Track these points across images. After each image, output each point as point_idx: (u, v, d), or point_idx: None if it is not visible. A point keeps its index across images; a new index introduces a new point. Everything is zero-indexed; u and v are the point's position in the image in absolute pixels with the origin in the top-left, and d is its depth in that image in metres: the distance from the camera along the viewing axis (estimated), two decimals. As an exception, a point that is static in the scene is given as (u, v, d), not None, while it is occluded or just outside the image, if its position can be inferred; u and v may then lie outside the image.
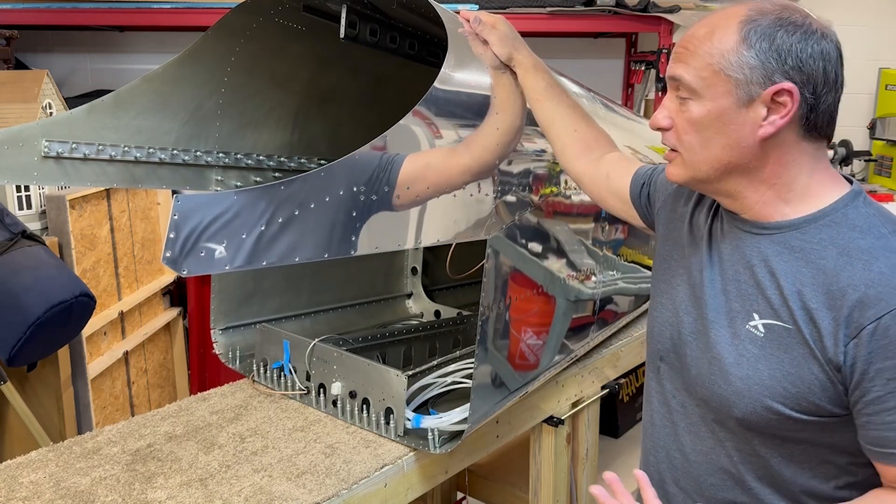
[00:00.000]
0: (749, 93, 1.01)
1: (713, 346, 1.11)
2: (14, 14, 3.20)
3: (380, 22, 1.74)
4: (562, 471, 2.04)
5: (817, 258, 1.02)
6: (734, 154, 1.05)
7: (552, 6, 3.25)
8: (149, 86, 1.58)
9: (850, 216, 1.03)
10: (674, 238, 1.26)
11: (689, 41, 1.06)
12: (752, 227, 1.10)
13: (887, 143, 4.33)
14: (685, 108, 1.06)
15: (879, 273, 0.97)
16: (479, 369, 1.50)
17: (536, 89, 1.48)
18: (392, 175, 1.30)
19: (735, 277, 1.10)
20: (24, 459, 1.46)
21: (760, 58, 1.01)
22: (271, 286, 2.01)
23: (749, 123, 1.03)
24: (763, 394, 1.04)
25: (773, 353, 1.04)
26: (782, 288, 1.04)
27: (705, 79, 1.03)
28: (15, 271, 1.99)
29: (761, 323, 1.05)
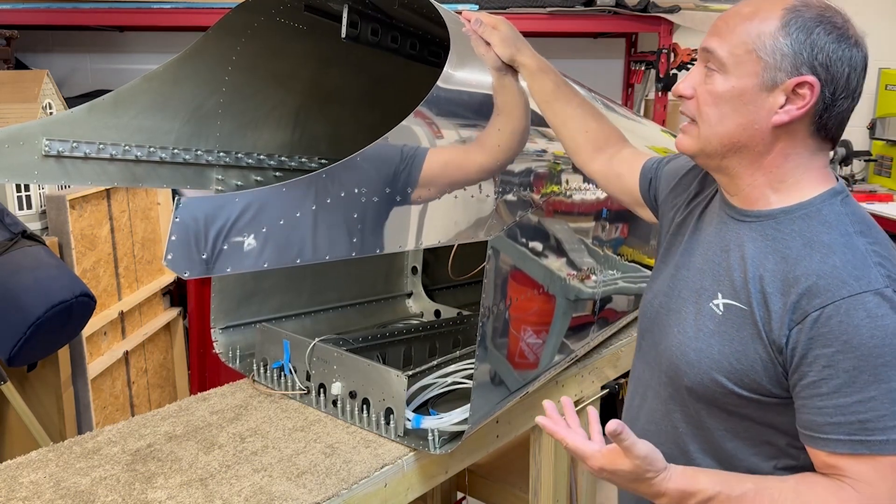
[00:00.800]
0: (774, 78, 1.05)
1: (681, 321, 1.17)
2: (14, 14, 3.20)
3: (381, 22, 1.74)
4: (562, 471, 2.03)
5: (783, 247, 1.07)
6: (745, 134, 1.08)
7: (552, 6, 3.25)
8: (149, 85, 1.57)
9: (823, 212, 1.07)
10: (668, 227, 1.32)
11: (731, 17, 1.09)
12: (737, 213, 1.14)
13: (887, 143, 4.33)
14: (710, 80, 1.09)
15: (833, 266, 1.01)
16: (479, 369, 1.50)
17: (544, 91, 1.49)
18: (414, 170, 1.33)
19: (711, 259, 1.16)
20: (24, 459, 1.46)
21: (794, 47, 1.04)
22: (272, 286, 2.01)
23: (766, 108, 1.06)
24: (711, 367, 1.10)
25: (726, 330, 1.10)
26: (747, 271, 1.09)
27: (737, 56, 1.06)
28: (15, 271, 1.99)
29: (722, 302, 1.11)
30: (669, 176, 1.36)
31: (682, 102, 1.14)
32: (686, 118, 1.15)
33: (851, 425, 1.00)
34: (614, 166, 1.47)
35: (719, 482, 1.07)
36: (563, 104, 1.49)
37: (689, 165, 1.34)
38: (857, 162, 4.41)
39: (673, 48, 3.38)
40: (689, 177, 1.32)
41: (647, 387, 1.26)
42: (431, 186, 1.36)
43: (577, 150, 1.51)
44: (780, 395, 1.07)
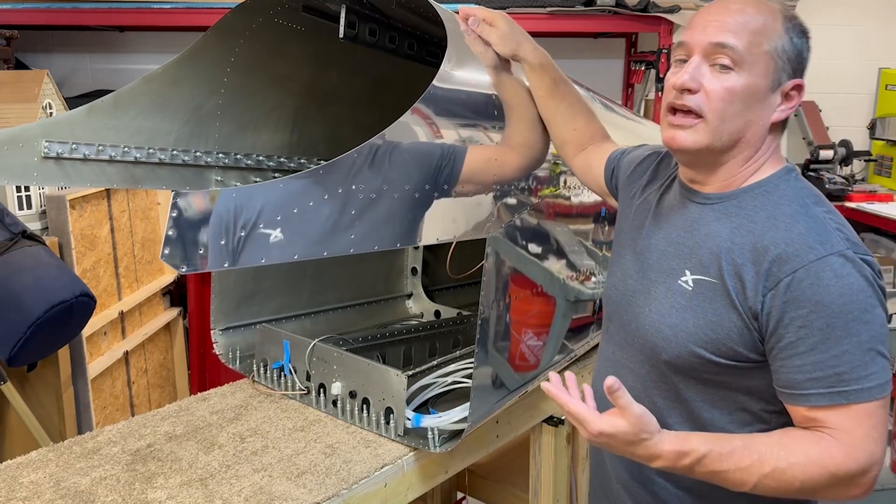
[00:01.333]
0: (779, 79, 1.13)
1: (652, 301, 1.22)
2: (14, 14, 3.20)
3: (379, 22, 1.74)
4: (562, 471, 2.04)
5: (748, 221, 1.13)
6: (750, 131, 1.14)
7: (552, 6, 3.25)
8: (148, 86, 1.58)
9: (780, 187, 1.15)
10: (625, 213, 1.38)
11: (736, 14, 1.12)
12: (701, 198, 1.21)
13: (887, 143, 4.33)
14: (725, 76, 1.11)
15: (798, 234, 1.08)
16: (478, 369, 1.50)
17: (542, 87, 1.52)
18: (456, 167, 1.38)
19: (676, 240, 1.22)
20: (24, 459, 1.46)
21: (795, 52, 1.13)
22: (271, 286, 2.01)
23: (769, 107, 1.14)
24: (687, 339, 1.15)
25: (698, 304, 1.15)
26: (714, 248, 1.15)
27: (754, 54, 1.11)
28: (15, 271, 1.99)
29: (691, 278, 1.17)
30: (627, 165, 1.43)
31: (676, 95, 1.14)
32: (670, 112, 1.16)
33: (829, 379, 1.06)
34: (590, 160, 1.54)
35: (710, 441, 1.10)
36: (559, 101, 1.53)
37: (643, 154, 1.41)
38: (857, 162, 4.41)
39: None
40: (643, 166, 1.39)
41: (619, 367, 1.30)
42: (474, 183, 1.43)
43: (564, 145, 1.58)
44: (754, 359, 1.12)
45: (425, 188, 1.34)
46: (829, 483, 1.06)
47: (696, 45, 1.13)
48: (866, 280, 1.06)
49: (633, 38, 4.01)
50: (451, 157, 1.38)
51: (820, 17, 4.44)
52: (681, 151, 1.18)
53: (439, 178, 1.36)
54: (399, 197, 1.29)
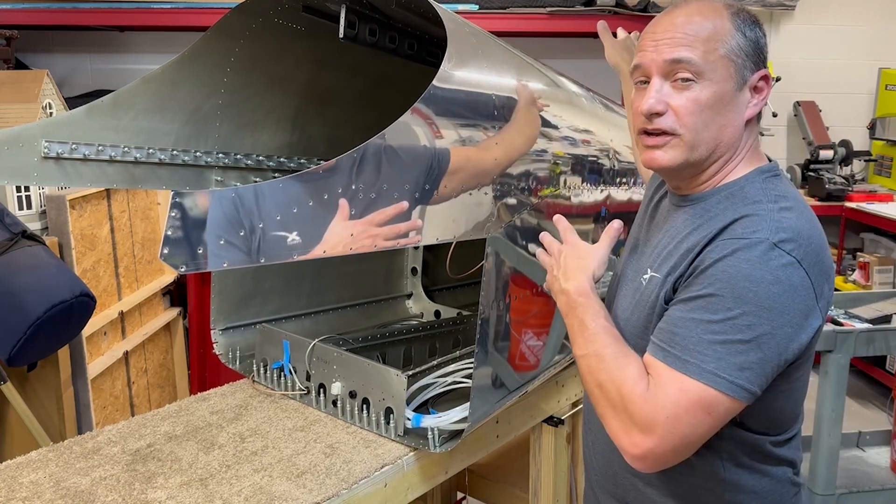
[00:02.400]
0: (743, 77, 1.12)
1: (621, 297, 1.27)
2: (14, 14, 3.21)
3: (379, 22, 1.74)
4: (562, 471, 2.04)
5: (702, 220, 1.14)
6: (726, 135, 1.14)
7: (552, 6, 3.26)
8: (148, 87, 1.58)
9: (745, 189, 1.14)
10: (636, 222, 1.41)
11: (683, 25, 1.12)
12: (677, 200, 1.23)
13: (887, 143, 4.33)
14: (688, 90, 1.11)
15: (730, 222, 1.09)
16: (478, 369, 1.50)
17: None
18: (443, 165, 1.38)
19: (650, 241, 1.26)
20: (24, 459, 1.46)
21: (751, 45, 1.13)
22: (271, 286, 2.01)
23: (741, 105, 1.14)
24: (634, 332, 1.19)
25: (645, 299, 1.18)
26: (670, 248, 1.16)
27: (712, 62, 1.10)
28: (15, 271, 2.00)
29: (647, 276, 1.20)
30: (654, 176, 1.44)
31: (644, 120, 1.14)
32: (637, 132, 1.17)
33: (666, 334, 1.08)
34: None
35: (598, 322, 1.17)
36: None
37: None
38: (857, 162, 4.41)
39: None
40: (658, 177, 1.39)
41: None
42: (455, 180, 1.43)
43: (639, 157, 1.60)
44: None
45: (425, 188, 1.34)
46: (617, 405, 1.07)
47: (652, 66, 1.13)
48: (769, 276, 1.02)
49: (633, 38, 4.01)
50: (437, 158, 1.38)
51: (820, 18, 4.44)
52: (661, 171, 1.19)
53: (430, 179, 1.36)
54: (397, 197, 1.29)
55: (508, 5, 3.24)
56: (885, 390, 4.04)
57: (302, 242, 1.16)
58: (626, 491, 1.26)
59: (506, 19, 3.18)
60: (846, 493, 2.64)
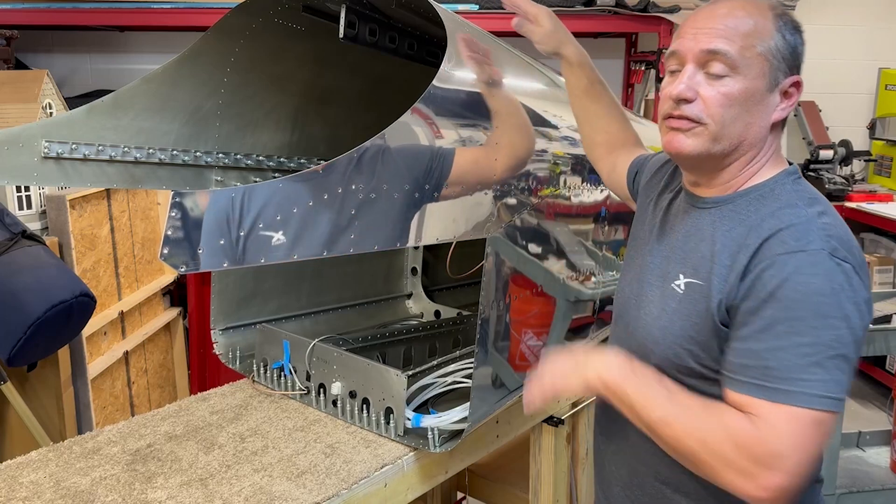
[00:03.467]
0: (776, 79, 1.12)
1: (647, 304, 1.23)
2: (14, 14, 3.21)
3: (379, 22, 1.74)
4: (562, 471, 2.04)
5: (739, 225, 1.13)
6: (750, 133, 1.13)
7: (552, 6, 3.25)
8: (148, 87, 1.58)
9: (776, 191, 1.14)
10: (640, 219, 1.37)
11: (725, 19, 1.11)
12: (700, 202, 1.20)
13: (887, 143, 4.33)
14: (720, 82, 1.10)
15: (777, 229, 1.07)
16: (478, 369, 1.50)
17: (578, 86, 1.55)
18: (445, 168, 1.38)
19: (675, 245, 1.22)
20: (24, 459, 1.46)
21: (789, 49, 1.12)
22: (271, 287, 2.01)
23: (769, 107, 1.13)
24: (674, 341, 1.15)
25: (686, 306, 1.15)
26: (706, 251, 1.14)
27: (748, 57, 1.10)
28: (15, 271, 1.99)
29: (683, 282, 1.16)
30: (648, 171, 1.42)
31: (672, 105, 1.13)
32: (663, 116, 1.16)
33: (757, 370, 1.03)
34: (616, 162, 1.54)
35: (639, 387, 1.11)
36: (592, 101, 1.55)
37: (663, 160, 1.40)
38: (857, 162, 4.41)
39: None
40: (661, 172, 1.38)
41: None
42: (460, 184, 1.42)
43: (593, 147, 1.60)
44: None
45: (425, 188, 1.34)
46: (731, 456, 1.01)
47: (688, 54, 1.12)
48: (837, 286, 1.01)
49: (633, 38, 4.01)
50: (440, 159, 1.38)
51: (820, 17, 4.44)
52: (680, 155, 1.16)
53: (431, 180, 1.36)
54: (397, 197, 1.29)
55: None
56: (885, 390, 4.04)
57: (302, 242, 1.16)
58: (654, 499, 1.25)
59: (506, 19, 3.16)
60: (846, 492, 2.64)
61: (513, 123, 1.57)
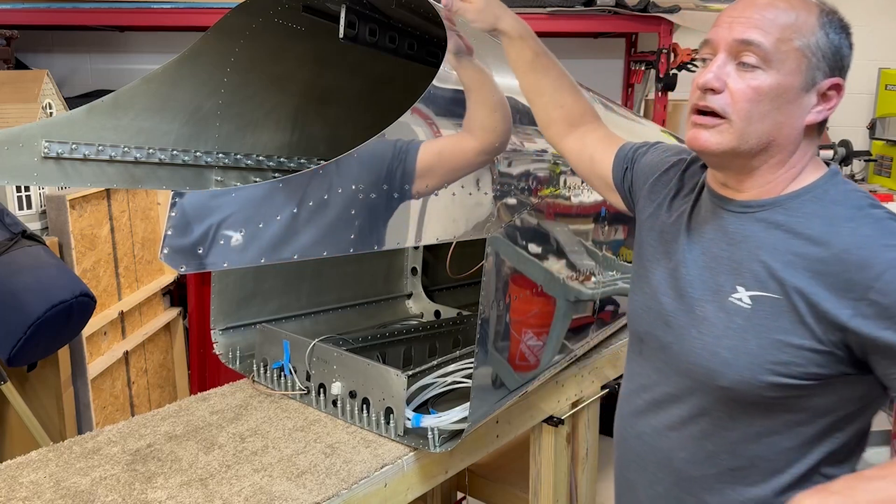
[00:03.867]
0: (813, 78, 1.06)
1: (699, 322, 1.13)
2: (14, 14, 3.20)
3: (379, 22, 1.74)
4: (562, 471, 2.04)
5: (804, 230, 1.06)
6: (781, 133, 1.07)
7: (552, 6, 3.25)
8: (148, 87, 1.58)
9: (830, 192, 1.08)
10: (651, 224, 1.29)
11: (764, 9, 1.05)
12: (736, 206, 1.13)
13: (887, 143, 4.33)
14: (752, 75, 1.05)
15: (866, 236, 1.02)
16: (478, 369, 1.50)
17: (523, 60, 1.42)
18: (409, 164, 1.31)
19: (719, 255, 1.14)
20: (24, 459, 1.46)
21: (832, 49, 1.06)
22: (271, 287, 2.01)
23: (803, 107, 1.07)
24: (752, 362, 1.07)
25: (760, 322, 1.07)
26: (768, 261, 1.07)
27: (783, 51, 1.04)
28: (15, 271, 1.99)
29: (747, 295, 1.08)
30: (648, 170, 1.33)
31: (700, 96, 1.08)
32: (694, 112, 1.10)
33: None
34: (587, 147, 1.43)
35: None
36: (541, 74, 1.43)
37: (668, 162, 1.32)
38: (857, 162, 4.40)
39: (673, 48, 3.38)
40: (669, 174, 1.30)
41: (659, 393, 1.21)
42: (429, 177, 1.35)
43: (550, 124, 1.46)
44: (826, 375, 1.04)
45: (383, 188, 1.28)
46: None
47: (721, 43, 1.06)
48: None
49: (633, 38, 4.01)
50: (402, 157, 1.31)
51: (820, 17, 4.42)
52: (704, 153, 1.11)
53: (394, 179, 1.29)
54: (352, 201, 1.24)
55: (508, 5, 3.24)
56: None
57: (301, 243, 1.16)
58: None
59: (506, 19, 3.18)
60: (846, 493, 2.64)
61: (485, 103, 1.46)
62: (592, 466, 2.17)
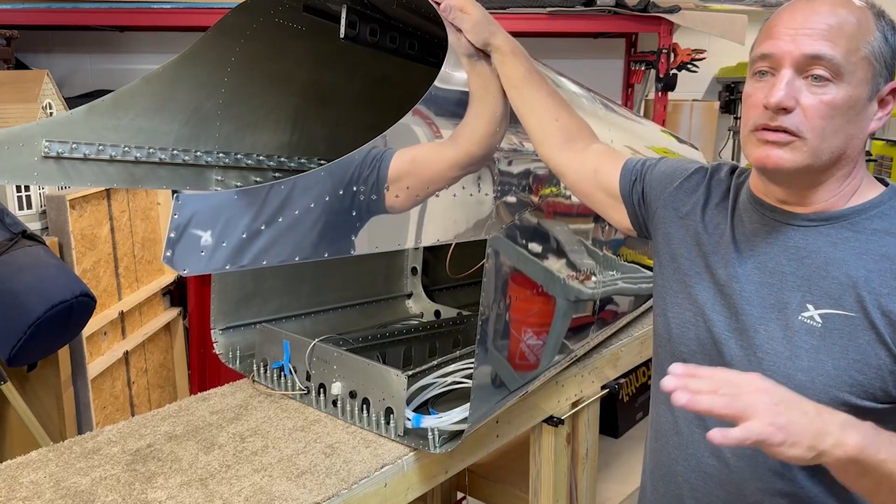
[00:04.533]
0: (877, 85, 1.02)
1: (763, 343, 1.08)
2: (14, 14, 3.20)
3: (380, 22, 1.74)
4: (562, 471, 2.04)
5: (877, 246, 1.03)
6: (851, 146, 1.04)
7: (552, 6, 3.25)
8: (148, 86, 1.58)
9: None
10: (682, 236, 1.22)
11: (828, 18, 1.00)
12: (795, 219, 1.09)
13: (887, 143, 4.32)
14: (822, 90, 1.00)
15: None
16: (479, 369, 1.50)
17: (515, 76, 1.40)
18: (381, 171, 1.27)
19: (778, 270, 1.08)
20: (24, 459, 1.46)
21: (891, 52, 1.02)
22: (271, 286, 2.01)
23: (869, 116, 1.04)
24: (829, 384, 1.02)
25: (835, 342, 1.02)
26: (842, 276, 1.03)
27: (853, 62, 1.00)
28: (15, 271, 1.99)
29: (818, 313, 1.03)
30: (665, 178, 1.29)
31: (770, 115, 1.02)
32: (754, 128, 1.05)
33: None
34: (588, 160, 1.39)
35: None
36: (533, 90, 1.41)
37: (689, 169, 1.27)
38: (857, 161, 4.40)
39: (673, 48, 3.38)
40: (693, 181, 1.25)
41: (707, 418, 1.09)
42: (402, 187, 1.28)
43: (544, 140, 1.42)
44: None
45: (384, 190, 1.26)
46: None
47: (786, 57, 1.01)
48: None
49: (633, 38, 4.01)
50: (376, 164, 1.27)
51: (820, 18, 4.43)
52: (777, 172, 1.05)
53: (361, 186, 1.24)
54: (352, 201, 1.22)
55: (508, 5, 3.23)
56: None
57: (304, 244, 1.16)
58: None
59: (506, 19, 3.18)
60: (846, 493, 2.64)
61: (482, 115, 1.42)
62: (592, 466, 2.17)
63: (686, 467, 1.21)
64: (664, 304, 1.24)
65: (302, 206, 1.14)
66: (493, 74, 1.43)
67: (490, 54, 1.41)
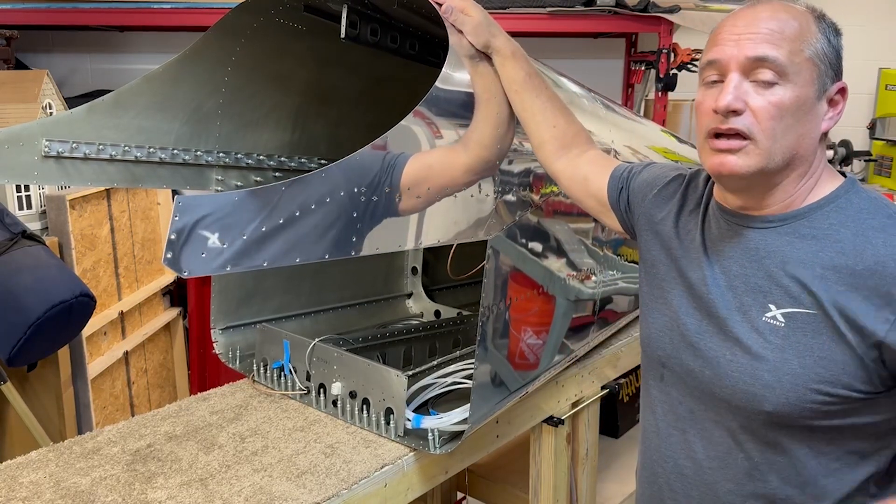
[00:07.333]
0: (825, 85, 1.05)
1: (732, 344, 1.10)
2: (14, 14, 3.20)
3: (381, 22, 1.74)
4: (562, 471, 2.03)
5: (833, 241, 1.04)
6: (802, 145, 1.06)
7: (552, 6, 3.25)
8: (149, 85, 1.57)
9: (853, 201, 1.07)
10: (658, 244, 1.26)
11: (769, 22, 1.03)
12: (754, 221, 1.11)
13: (887, 143, 4.33)
14: (770, 91, 1.02)
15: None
16: (479, 369, 1.50)
17: (515, 80, 1.42)
18: (395, 177, 1.28)
19: (741, 272, 1.10)
20: (24, 459, 1.46)
21: (834, 53, 1.05)
22: (271, 286, 2.01)
23: (818, 116, 1.06)
24: (795, 382, 1.04)
25: (798, 340, 1.04)
26: (799, 276, 1.05)
27: (797, 63, 1.02)
28: (15, 271, 1.99)
29: (780, 313, 1.05)
30: (645, 186, 1.31)
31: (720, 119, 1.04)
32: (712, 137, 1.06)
33: None
34: (580, 167, 1.42)
35: None
36: (533, 95, 1.42)
37: (668, 176, 1.30)
38: (857, 162, 4.41)
39: (673, 48, 3.38)
40: (670, 189, 1.28)
41: (696, 420, 1.17)
42: (416, 193, 1.30)
43: (542, 145, 1.45)
44: (868, 391, 1.02)
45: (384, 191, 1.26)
46: None
47: (732, 62, 1.04)
48: None
49: (633, 38, 4.01)
50: (389, 169, 1.28)
51: (820, 18, 4.43)
52: (732, 177, 1.07)
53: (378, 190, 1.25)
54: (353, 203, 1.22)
55: (508, 5, 3.23)
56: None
57: (304, 246, 1.16)
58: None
59: (506, 19, 3.18)
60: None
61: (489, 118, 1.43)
62: (592, 466, 2.16)
63: (665, 468, 1.24)
64: (646, 310, 1.28)
65: (304, 209, 1.14)
66: (495, 76, 1.44)
67: (491, 56, 1.43)
